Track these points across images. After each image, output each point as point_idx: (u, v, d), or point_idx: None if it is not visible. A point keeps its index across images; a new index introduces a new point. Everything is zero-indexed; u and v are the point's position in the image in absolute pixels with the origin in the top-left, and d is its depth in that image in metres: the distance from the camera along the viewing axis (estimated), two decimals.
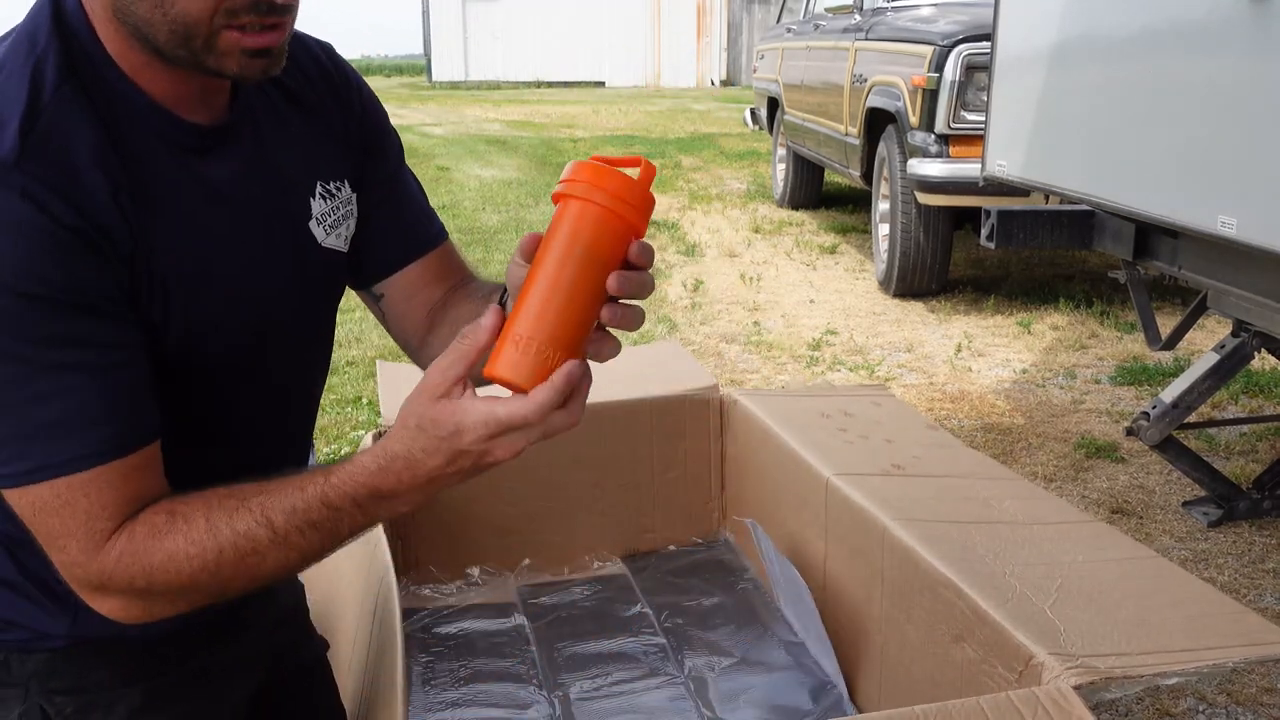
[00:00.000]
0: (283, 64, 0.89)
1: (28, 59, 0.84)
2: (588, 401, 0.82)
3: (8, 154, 0.79)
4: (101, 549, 0.82)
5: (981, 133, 3.32)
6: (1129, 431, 2.76)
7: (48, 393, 0.80)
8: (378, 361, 2.38)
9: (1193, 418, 2.81)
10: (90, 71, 0.85)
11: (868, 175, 5.35)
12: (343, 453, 3.05)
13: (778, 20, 8.33)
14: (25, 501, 0.81)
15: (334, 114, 1.05)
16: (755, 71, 8.36)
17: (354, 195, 1.05)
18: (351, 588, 1.61)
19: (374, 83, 29.59)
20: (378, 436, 1.90)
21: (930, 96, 4.44)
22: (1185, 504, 2.80)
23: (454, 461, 0.80)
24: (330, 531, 0.84)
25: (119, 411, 0.83)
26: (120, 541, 0.82)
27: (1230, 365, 2.64)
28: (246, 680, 1.10)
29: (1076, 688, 0.99)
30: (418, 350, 1.12)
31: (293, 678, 1.18)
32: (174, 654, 1.00)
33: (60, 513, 0.81)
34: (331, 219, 1.03)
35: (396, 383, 2.11)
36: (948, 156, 4.42)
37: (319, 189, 1.01)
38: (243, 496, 0.84)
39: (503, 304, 0.88)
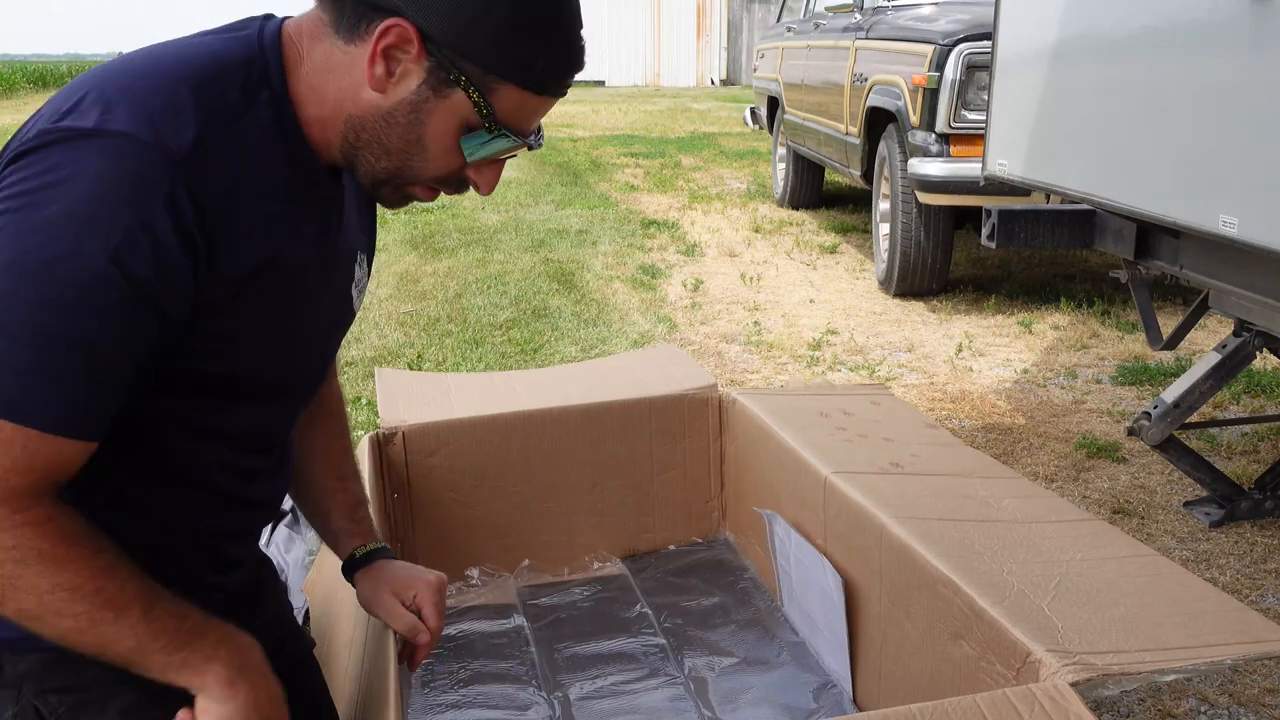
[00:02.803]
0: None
1: (226, 67, 0.89)
2: (588, 401, 0.85)
3: (178, 150, 0.83)
4: (6, 501, 0.83)
5: (982, 132, 3.32)
6: (1130, 431, 2.75)
7: (68, 353, 0.82)
8: (376, 370, 2.38)
9: (1194, 418, 2.80)
10: (274, 107, 0.91)
11: (868, 175, 5.35)
12: None
13: (778, 19, 8.32)
14: None
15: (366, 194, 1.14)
16: (755, 71, 8.36)
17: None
18: (351, 591, 1.61)
19: None
20: (375, 440, 1.90)
21: (931, 96, 4.44)
22: (1186, 504, 2.80)
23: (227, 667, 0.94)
24: (176, 645, 0.91)
25: (104, 402, 0.86)
26: (29, 513, 0.83)
27: (1232, 365, 2.64)
28: None
29: (1074, 685, 0.99)
30: None
31: (284, 671, 1.18)
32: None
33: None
34: (361, 285, 1.13)
35: (394, 389, 2.11)
36: (948, 156, 4.42)
37: (358, 257, 1.11)
38: (144, 574, 0.89)
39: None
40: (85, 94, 0.85)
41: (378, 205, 1.16)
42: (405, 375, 2.32)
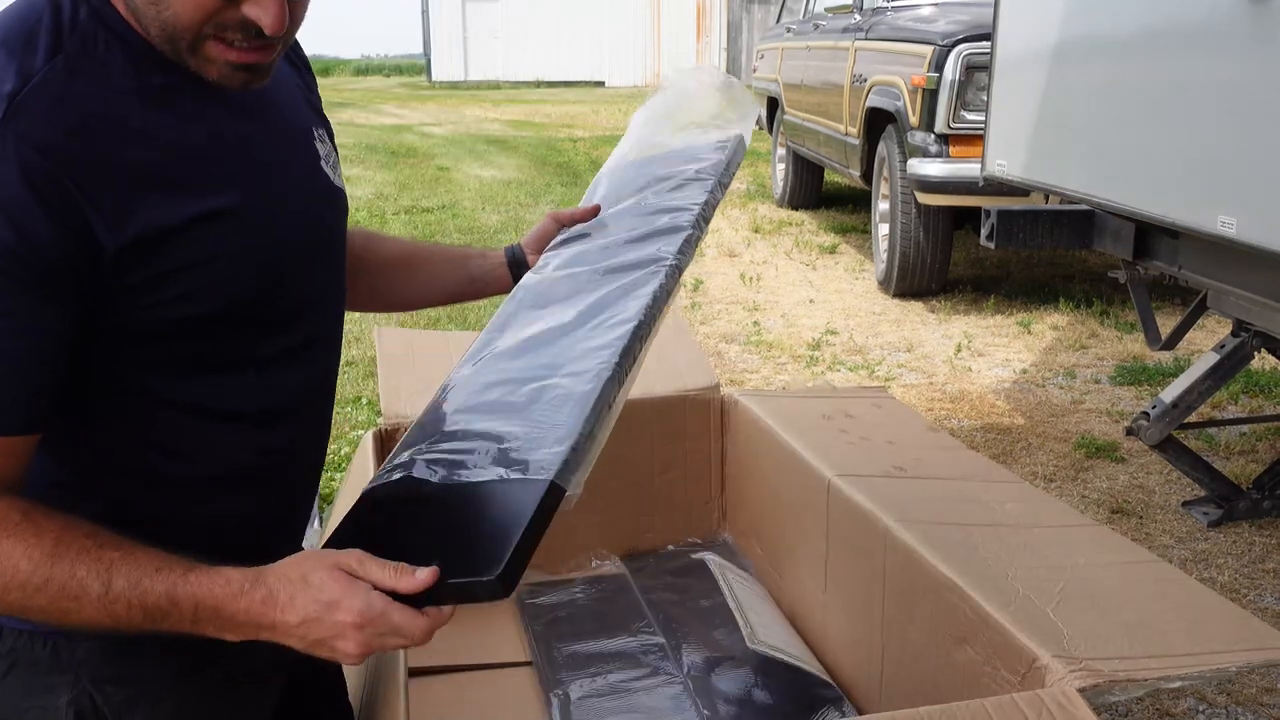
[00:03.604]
0: (266, 80, 0.89)
1: (25, 18, 0.84)
2: None
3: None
4: None
5: (981, 132, 3.32)
6: (1129, 431, 2.76)
7: None
8: (375, 329, 2.34)
9: (1193, 418, 2.81)
10: (97, 20, 0.85)
11: (868, 175, 5.35)
12: (343, 452, 3.05)
13: (777, 20, 8.32)
14: None
15: (305, 74, 1.08)
16: (755, 71, 8.35)
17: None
18: None
19: (374, 82, 29.40)
20: (378, 436, 1.90)
21: (930, 96, 4.44)
22: (1185, 504, 2.80)
23: (306, 624, 0.81)
24: (155, 620, 0.82)
25: (15, 390, 0.82)
26: None
27: (1230, 365, 2.64)
28: (280, 677, 1.10)
29: (1081, 690, 0.99)
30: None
31: (316, 675, 1.18)
32: (216, 654, 0.99)
33: None
34: (331, 160, 1.04)
35: (395, 358, 2.09)
36: (948, 156, 4.42)
37: (314, 132, 1.03)
38: (99, 543, 0.81)
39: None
40: None
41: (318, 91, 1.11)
42: (404, 337, 2.31)
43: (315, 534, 1.98)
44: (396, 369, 2.06)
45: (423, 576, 0.81)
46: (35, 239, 0.79)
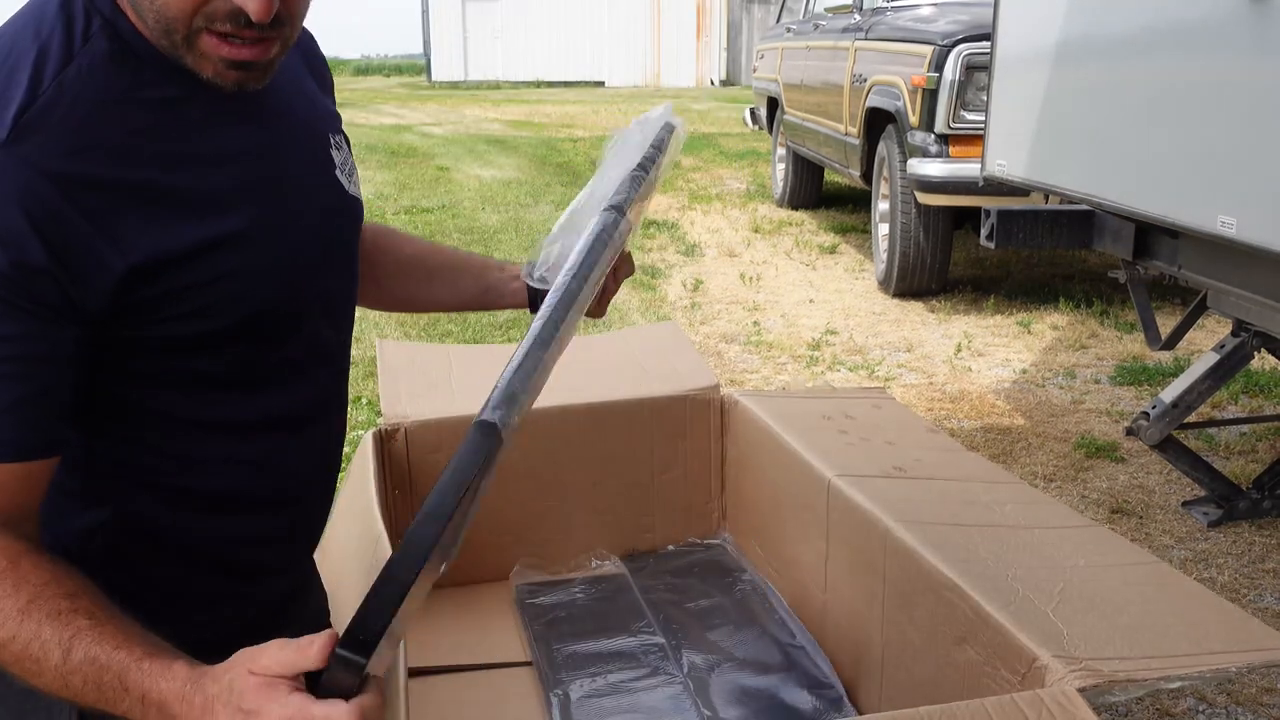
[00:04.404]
0: (266, 80, 0.87)
1: (36, 34, 0.82)
2: (590, 400, 0.82)
3: (2, 135, 0.77)
4: None
5: (981, 132, 3.32)
6: (1129, 431, 2.76)
7: None
8: (376, 340, 2.36)
9: (1192, 418, 2.81)
10: (109, 33, 0.84)
11: (867, 175, 5.35)
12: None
13: (777, 20, 8.32)
14: None
15: (323, 75, 1.07)
16: (755, 71, 8.36)
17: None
18: (354, 588, 1.61)
19: (374, 82, 29.43)
20: (378, 436, 1.90)
21: (930, 96, 4.44)
22: (1185, 504, 2.80)
23: None
24: (107, 701, 0.78)
25: (19, 417, 0.80)
26: None
27: (1230, 365, 2.65)
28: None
29: (1081, 690, 0.99)
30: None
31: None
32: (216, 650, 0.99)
33: None
34: (347, 168, 1.03)
35: (396, 373, 2.10)
36: (947, 156, 4.42)
37: (331, 140, 1.02)
38: (74, 608, 0.78)
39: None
40: None
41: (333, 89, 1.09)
42: (406, 349, 2.32)
43: None
44: (396, 374, 2.07)
45: (316, 648, 0.75)
46: (31, 265, 0.78)
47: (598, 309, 1.16)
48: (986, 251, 5.71)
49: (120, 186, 0.82)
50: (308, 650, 0.75)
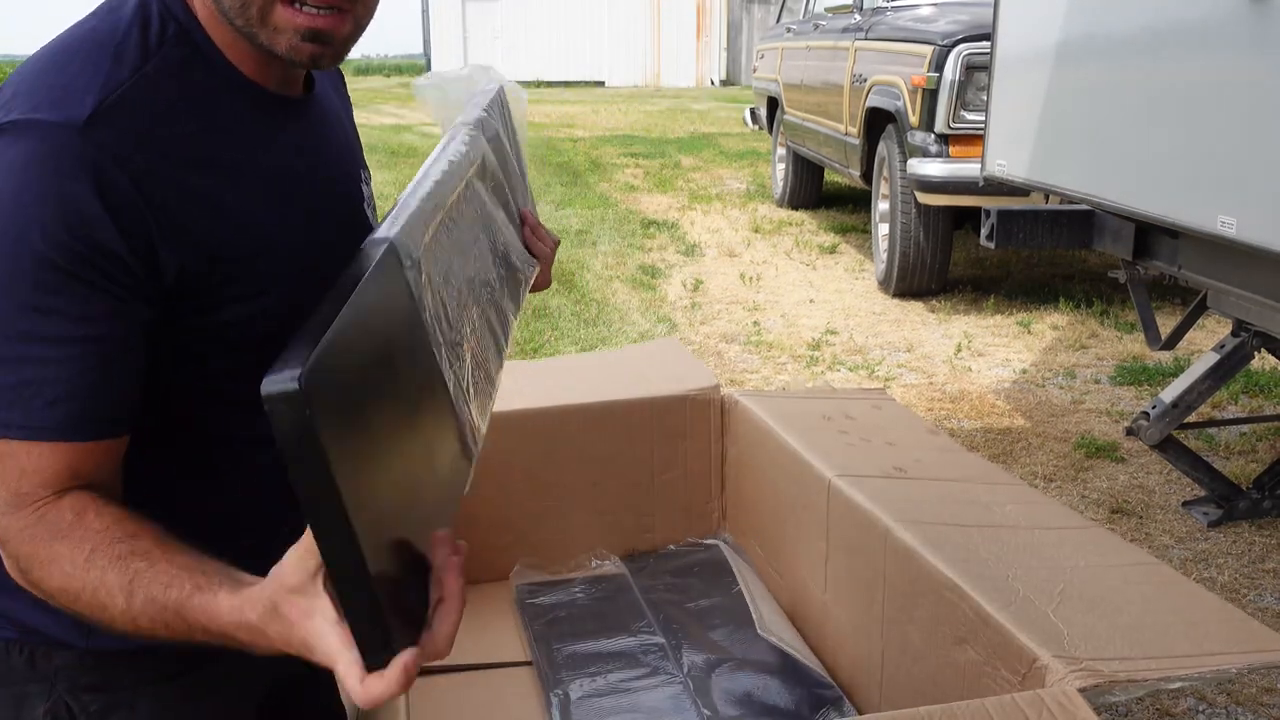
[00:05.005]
0: (339, 60, 0.90)
1: (114, 30, 0.86)
2: (590, 400, 0.82)
3: (79, 117, 0.80)
4: (19, 510, 0.81)
5: (981, 132, 3.32)
6: (1129, 431, 2.76)
7: (35, 355, 0.80)
8: None
9: (1192, 417, 2.81)
10: (184, 40, 0.87)
11: (868, 175, 5.35)
12: None
13: (777, 20, 8.32)
14: None
15: (351, 115, 1.11)
16: (755, 71, 8.36)
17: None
18: None
19: (374, 82, 29.34)
20: None
21: (930, 96, 4.44)
22: (1185, 504, 2.80)
23: (296, 651, 0.77)
24: (178, 635, 0.81)
25: (90, 397, 0.82)
26: (36, 513, 0.82)
27: (1230, 365, 2.65)
28: (264, 677, 1.09)
29: (1082, 690, 0.99)
30: None
31: (298, 682, 1.18)
32: (196, 658, 0.99)
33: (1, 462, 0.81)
34: (371, 203, 1.06)
35: None
36: (948, 156, 4.42)
37: (361, 175, 1.06)
38: (131, 552, 0.81)
39: None
40: None
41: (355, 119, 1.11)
42: None
43: None
44: None
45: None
46: (105, 247, 0.80)
47: (543, 277, 1.19)
48: (986, 251, 5.72)
49: (178, 186, 0.84)
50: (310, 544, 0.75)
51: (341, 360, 0.67)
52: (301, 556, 0.75)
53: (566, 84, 24.78)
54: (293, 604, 0.75)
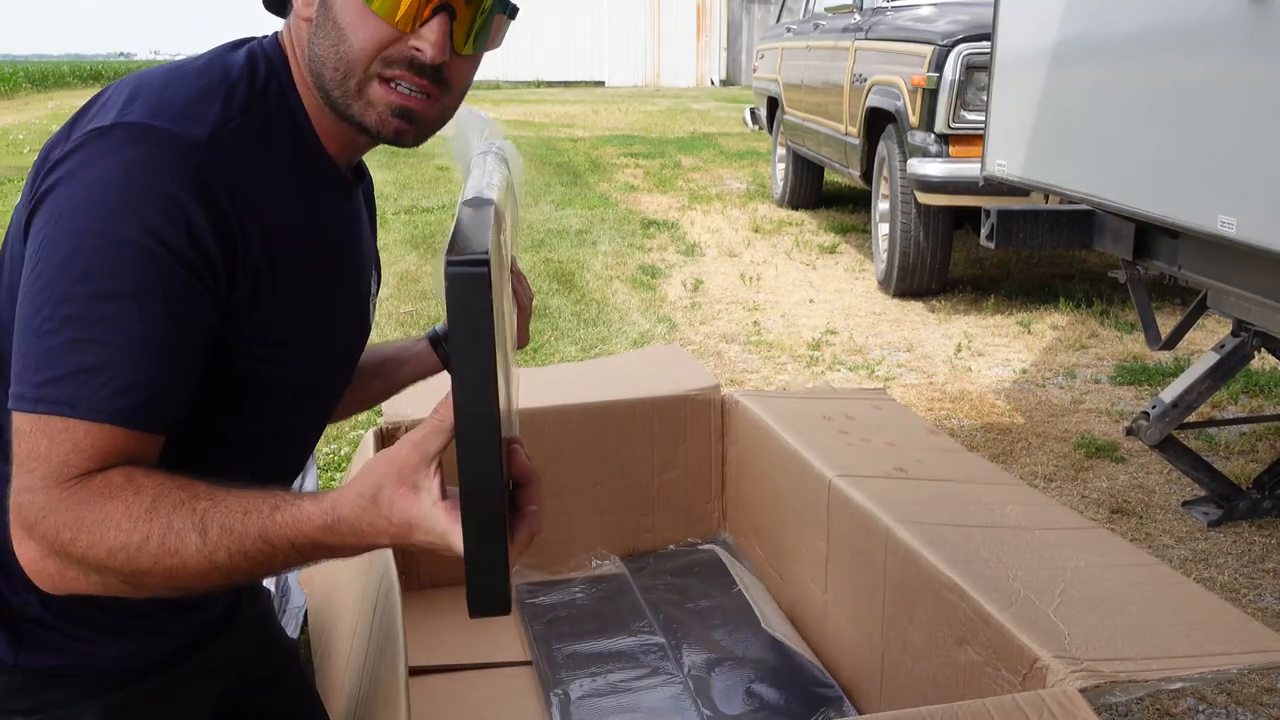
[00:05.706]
0: (420, 140, 0.99)
1: (227, 72, 0.94)
2: (590, 400, 0.84)
3: (199, 135, 0.87)
4: (61, 482, 0.83)
5: (981, 132, 3.32)
6: (1129, 431, 2.76)
7: (119, 341, 0.83)
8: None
9: (1192, 417, 2.81)
10: (281, 98, 0.96)
11: (868, 175, 5.35)
12: (342, 453, 3.05)
13: (777, 20, 8.32)
14: (30, 421, 0.83)
15: (374, 222, 1.19)
16: (755, 71, 8.36)
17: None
18: (351, 586, 1.61)
19: None
20: (379, 435, 1.90)
21: (930, 96, 4.44)
22: (1185, 504, 2.80)
23: (396, 540, 0.82)
24: (261, 563, 0.83)
25: (156, 389, 0.85)
26: (79, 481, 0.83)
27: (1230, 365, 2.64)
28: (209, 691, 1.10)
29: (1082, 691, 0.99)
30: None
31: (257, 687, 1.19)
32: (129, 678, 1.00)
33: (52, 439, 0.83)
34: (374, 296, 1.15)
35: None
36: (948, 156, 4.42)
37: (372, 271, 1.14)
38: (193, 495, 0.83)
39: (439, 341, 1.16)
40: (107, 100, 0.90)
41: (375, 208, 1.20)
42: None
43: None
44: None
45: (439, 417, 0.79)
46: (205, 253, 0.86)
47: (520, 336, 1.26)
48: (986, 251, 5.71)
49: (254, 222, 0.91)
50: (434, 425, 0.79)
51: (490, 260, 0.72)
52: (420, 441, 0.79)
53: (566, 84, 24.78)
54: (397, 488, 0.79)
